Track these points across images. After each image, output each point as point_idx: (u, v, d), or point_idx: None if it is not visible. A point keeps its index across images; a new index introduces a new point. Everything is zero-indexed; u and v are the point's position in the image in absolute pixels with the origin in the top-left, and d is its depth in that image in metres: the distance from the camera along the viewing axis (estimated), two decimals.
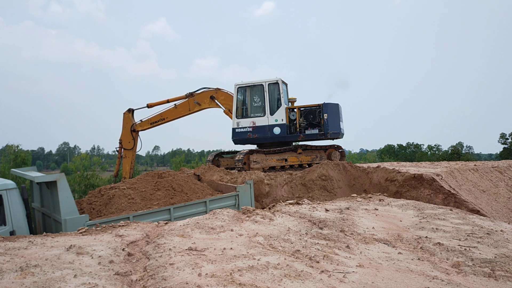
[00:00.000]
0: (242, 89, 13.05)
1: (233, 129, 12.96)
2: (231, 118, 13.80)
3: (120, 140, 13.99)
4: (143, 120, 13.93)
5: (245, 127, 12.80)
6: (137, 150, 14.19)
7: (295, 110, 12.79)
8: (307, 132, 12.77)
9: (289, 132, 12.74)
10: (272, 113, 12.65)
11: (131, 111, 14.05)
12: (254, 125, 12.70)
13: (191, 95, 13.70)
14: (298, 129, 12.71)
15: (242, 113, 13.03)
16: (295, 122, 12.75)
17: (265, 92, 12.70)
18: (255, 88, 12.94)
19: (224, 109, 13.66)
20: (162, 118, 13.87)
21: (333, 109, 12.89)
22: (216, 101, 13.64)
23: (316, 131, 12.74)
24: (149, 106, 14.08)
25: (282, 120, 12.62)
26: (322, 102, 12.77)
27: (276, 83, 12.75)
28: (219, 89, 13.75)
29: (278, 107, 12.71)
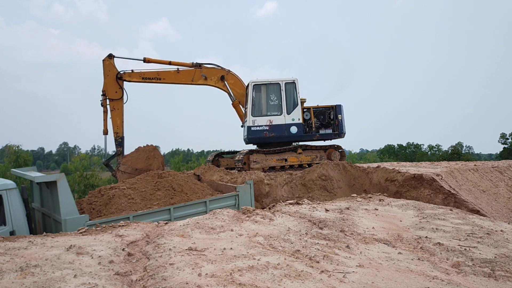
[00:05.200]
0: (257, 87, 12.89)
1: (249, 127, 12.65)
2: (239, 112, 13.49)
3: (103, 91, 12.00)
4: (134, 70, 12.31)
5: (261, 126, 12.64)
6: (124, 102, 12.31)
7: (310, 110, 13.18)
8: (321, 132, 13.23)
9: (304, 131, 13.00)
10: (288, 112, 12.76)
11: (112, 57, 12.20)
12: (270, 124, 12.68)
13: (198, 66, 12.81)
14: (313, 129, 13.12)
15: (259, 112, 12.86)
16: (309, 122, 13.10)
17: (281, 91, 12.78)
18: (271, 87, 12.94)
19: (234, 99, 13.20)
20: (158, 77, 12.47)
21: (342, 110, 13.54)
22: (226, 83, 12.99)
23: (330, 131, 13.30)
24: (146, 60, 12.57)
25: (299, 119, 12.81)
26: (335, 104, 13.42)
27: (293, 83, 12.91)
28: (231, 71, 13.24)
29: (294, 107, 12.86)
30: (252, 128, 12.67)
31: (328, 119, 13.49)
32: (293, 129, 12.72)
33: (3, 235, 4.74)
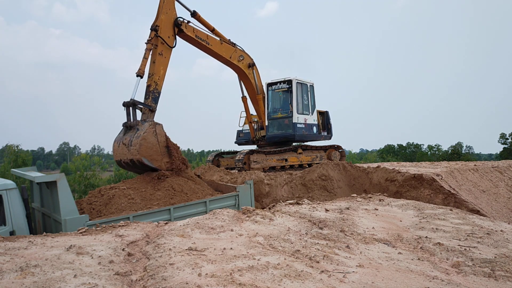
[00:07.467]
0: (299, 85, 12.96)
1: (295, 124, 12.58)
2: (260, 107, 13.07)
3: (156, 26, 9.33)
4: (190, 23, 10.21)
5: (301, 123, 12.94)
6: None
7: (317, 113, 13.96)
8: (322, 133, 14.19)
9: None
10: (312, 113, 13.45)
11: None
12: (306, 122, 13.11)
13: (233, 44, 11.56)
14: (321, 130, 14.06)
15: (298, 109, 12.94)
16: (318, 123, 14.00)
17: (308, 92, 13.29)
18: (304, 87, 13.25)
19: (259, 92, 12.54)
20: (207, 41, 10.70)
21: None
22: (254, 72, 12.14)
23: (325, 133, 14.40)
24: (196, 16, 10.63)
25: (316, 120, 13.67)
26: (325, 110, 14.58)
27: (312, 86, 13.54)
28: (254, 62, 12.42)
29: (314, 108, 13.59)
30: (298, 125, 12.76)
31: (319, 122, 14.60)
32: (314, 129, 13.46)
33: (3, 235, 4.74)
